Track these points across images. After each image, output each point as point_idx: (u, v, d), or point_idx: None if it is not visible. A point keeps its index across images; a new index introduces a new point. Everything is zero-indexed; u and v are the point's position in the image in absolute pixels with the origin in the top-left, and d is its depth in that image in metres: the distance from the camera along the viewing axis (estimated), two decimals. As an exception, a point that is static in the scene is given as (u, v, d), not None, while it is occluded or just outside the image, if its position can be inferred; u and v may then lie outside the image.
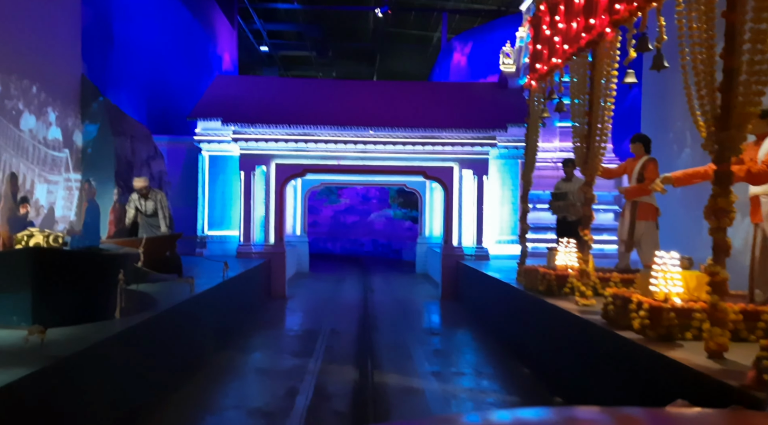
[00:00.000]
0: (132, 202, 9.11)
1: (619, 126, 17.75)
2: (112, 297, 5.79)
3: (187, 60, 17.98)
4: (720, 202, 4.29)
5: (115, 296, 5.80)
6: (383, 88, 17.08)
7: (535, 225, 16.44)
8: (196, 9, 18.99)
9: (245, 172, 13.71)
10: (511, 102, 15.80)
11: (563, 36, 8.23)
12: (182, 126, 14.79)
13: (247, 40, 30.26)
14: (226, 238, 14.24)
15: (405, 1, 32.84)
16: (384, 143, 13.85)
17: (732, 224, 4.33)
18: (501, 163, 14.94)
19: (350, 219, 28.70)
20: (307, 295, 14.40)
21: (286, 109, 14.37)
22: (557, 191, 9.93)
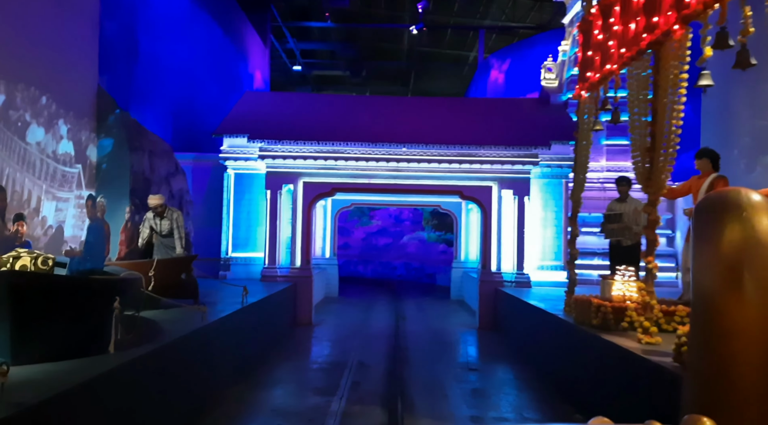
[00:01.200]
0: (146, 221, 8.49)
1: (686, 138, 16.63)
2: (106, 328, 5.07)
3: (216, 77, 17.61)
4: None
5: (111, 327, 5.07)
6: (417, 104, 16.35)
7: (581, 250, 15.36)
8: (227, 26, 18.68)
9: (271, 190, 13.06)
10: (554, 118, 14.87)
11: (619, 39, 7.36)
12: (209, 144, 14.28)
13: (279, 59, 30.06)
14: (251, 260, 13.56)
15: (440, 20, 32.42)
16: (418, 161, 13.05)
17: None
18: (543, 182, 13.97)
19: (382, 242, 27.89)
20: (335, 322, 13.58)
21: (314, 125, 13.73)
22: (610, 212, 8.95)
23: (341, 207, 18.63)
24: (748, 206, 2.24)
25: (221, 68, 18.14)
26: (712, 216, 2.32)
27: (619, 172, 15.52)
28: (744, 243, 2.20)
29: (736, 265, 2.18)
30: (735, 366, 2.26)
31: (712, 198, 2.35)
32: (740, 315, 2.19)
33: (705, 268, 2.29)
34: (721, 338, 2.25)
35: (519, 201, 13.41)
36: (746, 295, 2.17)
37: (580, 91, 8.82)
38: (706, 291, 2.29)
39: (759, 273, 2.18)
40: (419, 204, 18.66)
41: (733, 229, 2.19)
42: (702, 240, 2.32)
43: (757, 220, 2.20)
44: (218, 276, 13.44)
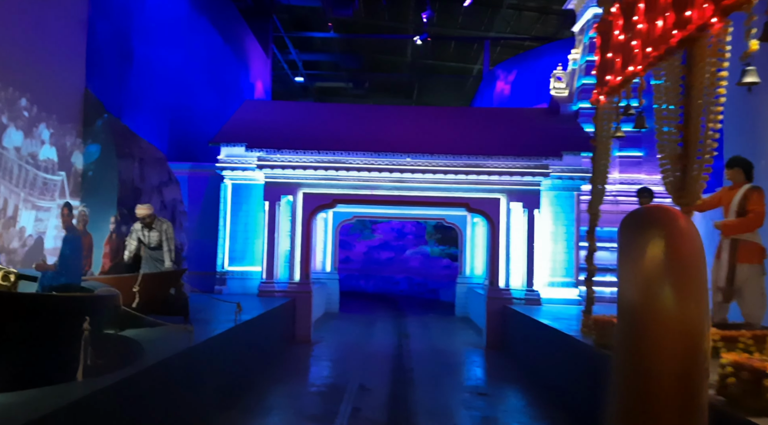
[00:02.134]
0: (134, 233, 7.90)
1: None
2: (74, 352, 4.47)
3: (215, 86, 17.12)
4: None
5: (79, 350, 4.47)
6: (422, 114, 15.83)
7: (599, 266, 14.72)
8: (227, 34, 18.23)
9: (270, 201, 12.48)
10: (565, 128, 14.32)
11: (644, 38, 6.79)
12: (206, 153, 13.74)
13: (281, 71, 29.65)
14: (248, 275, 12.94)
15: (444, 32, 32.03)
16: (422, 171, 12.48)
17: None
18: (554, 195, 13.38)
19: (384, 256, 27.27)
20: (336, 340, 12.93)
21: (315, 134, 13.19)
22: (631, 226, 8.34)
23: (343, 219, 18.03)
24: (669, 224, 2.21)
25: (220, 77, 17.66)
26: (635, 233, 2.29)
27: (633, 184, 14.95)
28: (665, 260, 2.20)
29: (658, 280, 2.18)
30: (656, 377, 2.25)
31: (636, 214, 2.33)
32: (662, 328, 2.18)
33: (629, 283, 2.28)
34: (644, 350, 2.23)
35: (529, 214, 12.81)
36: (668, 309, 2.15)
37: (598, 96, 8.26)
38: (629, 305, 2.26)
39: (680, 288, 2.16)
40: (423, 217, 18.05)
41: (655, 246, 2.18)
42: (626, 255, 2.30)
43: (678, 237, 2.20)
44: (214, 291, 12.84)
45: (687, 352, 2.23)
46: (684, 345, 2.20)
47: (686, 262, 2.28)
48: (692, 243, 2.27)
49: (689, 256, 2.27)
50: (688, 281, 2.26)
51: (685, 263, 2.27)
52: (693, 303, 2.23)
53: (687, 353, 2.23)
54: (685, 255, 2.27)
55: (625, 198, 14.69)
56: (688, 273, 2.27)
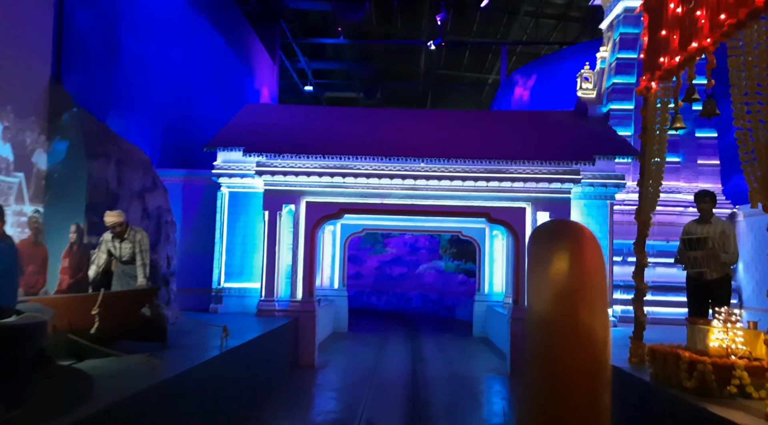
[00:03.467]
0: (103, 244, 6.75)
1: (729, 161, 14.70)
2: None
3: (216, 89, 16.07)
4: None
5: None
6: (436, 117, 14.64)
7: (626, 283, 13.37)
8: (230, 36, 17.23)
9: (270, 211, 11.32)
10: (596, 131, 13.06)
11: (713, 6, 5.57)
12: (205, 161, 12.62)
13: (290, 80, 28.68)
14: (247, 292, 11.75)
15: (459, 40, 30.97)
16: (438, 178, 11.26)
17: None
18: (584, 204, 12.08)
19: (397, 271, 25.99)
20: (343, 364, 11.66)
21: (320, 138, 12.03)
22: (690, 237, 7.02)
23: (352, 232, 16.85)
24: (574, 237, 2.21)
25: (222, 80, 16.62)
26: (544, 245, 2.29)
27: (670, 192, 13.62)
28: (573, 272, 2.19)
29: (567, 292, 2.16)
30: (565, 389, 2.25)
31: (544, 227, 2.31)
32: (571, 339, 2.17)
33: (538, 294, 2.23)
34: (553, 362, 2.20)
35: (557, 225, 11.50)
36: (577, 321, 2.13)
37: (647, 83, 7.02)
38: (539, 317, 2.24)
39: (585, 300, 2.15)
40: (439, 230, 16.78)
41: (562, 258, 2.18)
42: (535, 266, 2.28)
43: (582, 251, 2.20)
44: (209, 310, 11.65)
45: (593, 362, 2.25)
46: (590, 356, 2.22)
47: (590, 275, 2.28)
48: (596, 257, 2.27)
49: (593, 269, 2.27)
50: (592, 293, 2.27)
51: (590, 276, 2.27)
52: (597, 314, 2.23)
53: (593, 363, 2.26)
54: (589, 269, 2.27)
55: (661, 208, 13.34)
56: (593, 286, 2.27)
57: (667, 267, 13.28)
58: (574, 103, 15.09)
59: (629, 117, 13.97)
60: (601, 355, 2.18)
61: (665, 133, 6.75)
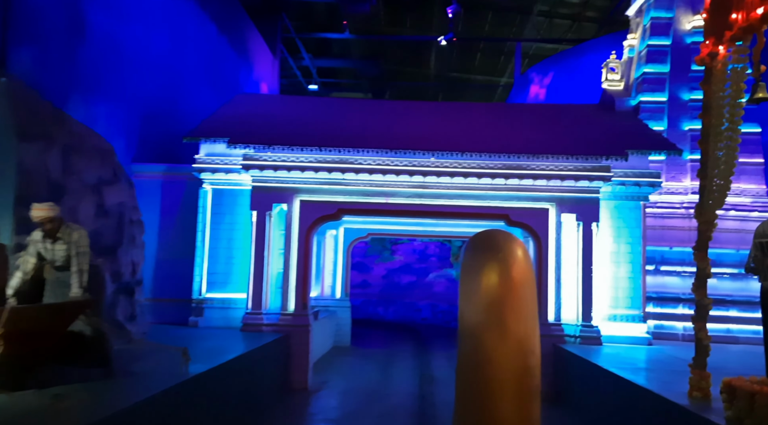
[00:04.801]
0: (32, 246, 5.43)
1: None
2: None
3: (208, 80, 14.79)
4: None
5: None
6: (449, 109, 13.25)
7: (660, 295, 11.89)
8: (224, 25, 15.97)
9: (258, 211, 9.98)
10: (626, 125, 11.64)
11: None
12: (189, 156, 11.28)
13: (293, 78, 27.42)
14: (231, 303, 10.39)
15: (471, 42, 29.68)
16: (450, 174, 9.88)
17: None
18: (614, 205, 10.64)
19: (405, 280, 24.59)
20: (342, 386, 10.27)
21: (317, 129, 10.70)
22: (765, 239, 5.58)
23: (356, 238, 15.50)
24: (505, 249, 2.24)
25: (215, 71, 15.34)
26: (475, 256, 2.29)
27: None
28: (502, 282, 2.23)
29: (497, 301, 2.20)
30: (494, 396, 2.28)
31: (476, 238, 2.34)
32: (500, 346, 2.20)
33: (469, 303, 2.24)
34: (484, 366, 2.22)
35: (585, 228, 10.09)
36: (506, 328, 2.15)
37: (713, 48, 5.62)
38: (470, 324, 2.23)
39: (515, 309, 2.18)
40: (450, 235, 15.37)
41: (492, 269, 2.21)
42: (467, 277, 2.32)
43: (514, 261, 2.23)
44: (188, 323, 10.30)
45: (521, 371, 2.24)
46: (518, 364, 2.20)
47: (520, 285, 2.28)
48: (525, 268, 2.26)
49: (523, 280, 2.24)
50: (521, 303, 2.27)
51: (519, 286, 2.28)
52: (526, 322, 2.20)
53: (521, 371, 2.24)
54: (519, 279, 2.26)
55: (698, 211, 11.86)
56: (522, 296, 2.26)
57: (707, 278, 11.81)
58: (596, 100, 13.70)
59: (662, 109, 12.53)
60: (531, 364, 2.16)
61: (739, 108, 5.32)
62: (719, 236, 11.86)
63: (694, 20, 12.57)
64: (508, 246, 2.38)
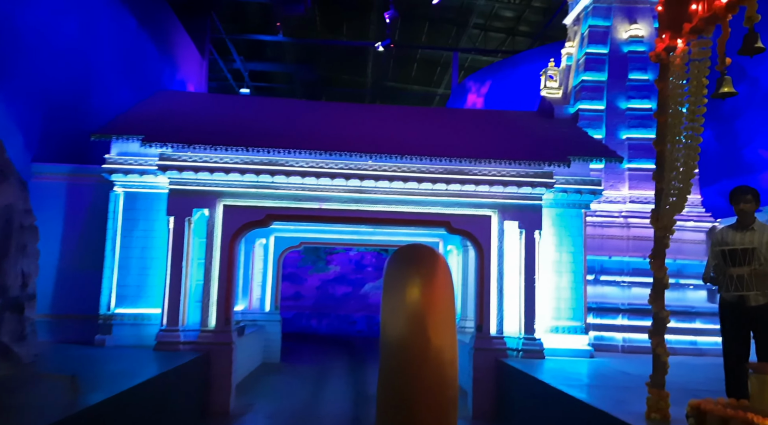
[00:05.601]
0: None
1: (703, 169, 13.30)
2: None
3: (125, 76, 13.63)
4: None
5: None
6: (388, 112, 12.67)
7: (599, 306, 11.65)
8: (145, 18, 14.85)
9: (176, 217, 9.02)
10: (566, 132, 11.40)
11: None
12: (101, 156, 10.16)
13: (224, 81, 26.29)
14: (145, 319, 9.35)
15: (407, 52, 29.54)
16: (389, 178, 9.25)
17: None
18: (556, 213, 10.30)
19: (340, 291, 23.79)
20: (267, 409, 9.40)
21: (245, 128, 9.86)
22: (729, 248, 5.19)
23: (287, 247, 14.65)
24: (427, 263, 2.28)
25: (133, 66, 14.18)
26: (398, 270, 2.33)
27: (645, 203, 12.05)
28: (424, 296, 2.27)
29: (418, 314, 2.23)
30: (415, 402, 2.30)
31: (399, 253, 2.36)
32: (421, 357, 2.21)
33: (392, 316, 2.24)
34: (405, 377, 2.25)
35: (527, 236, 9.68)
36: (428, 343, 2.17)
37: (670, 42, 5.22)
38: (392, 336, 2.23)
39: (438, 322, 2.19)
40: (387, 244, 14.74)
41: (414, 284, 2.24)
42: (389, 290, 2.36)
43: (435, 276, 2.28)
44: (94, 342, 9.19)
45: (440, 382, 2.26)
46: (438, 376, 2.22)
47: (441, 299, 2.30)
48: (446, 282, 2.30)
49: (443, 293, 2.27)
50: (442, 316, 2.27)
51: (440, 300, 2.29)
52: (446, 335, 2.19)
53: (440, 383, 2.26)
54: (440, 293, 2.28)
55: (638, 220, 11.76)
56: (442, 309, 2.27)
57: (644, 288, 11.65)
58: (534, 108, 13.50)
59: (600, 118, 12.41)
60: (449, 375, 2.29)
61: (701, 104, 4.92)
62: (651, 246, 11.84)
63: (631, 29, 12.55)
64: (429, 261, 2.36)
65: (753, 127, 14.08)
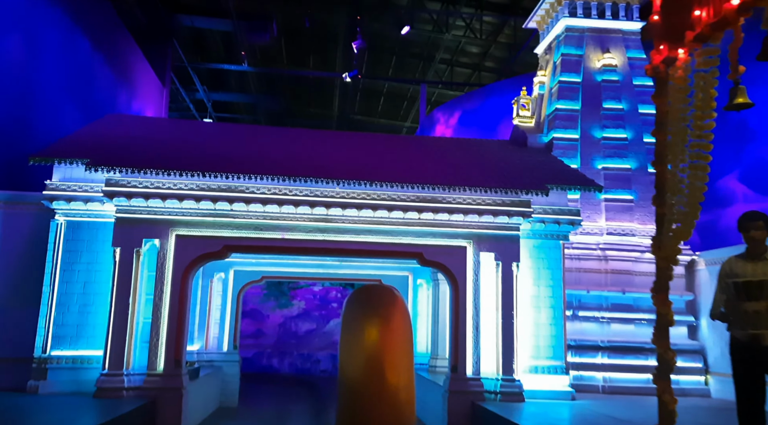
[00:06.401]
0: None
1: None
2: None
3: (73, 100, 12.78)
4: None
5: None
6: (356, 139, 12.11)
7: (578, 343, 11.09)
8: (101, 43, 14.11)
9: (123, 248, 8.19)
10: (542, 161, 10.99)
11: None
12: (42, 182, 9.26)
13: (187, 111, 25.51)
14: (85, 362, 8.39)
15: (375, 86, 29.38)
16: (357, 206, 8.62)
17: None
18: (534, 245, 9.79)
19: (304, 328, 22.79)
20: (222, 462, 8.46)
21: (202, 151, 9.15)
22: (742, 280, 4.67)
23: (248, 281, 13.75)
24: (385, 304, 2.27)
25: (84, 92, 13.34)
26: (356, 311, 2.29)
27: (624, 235, 11.65)
28: (382, 338, 2.27)
29: (377, 356, 2.23)
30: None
31: (357, 293, 2.30)
32: (378, 403, 2.23)
33: (349, 357, 2.22)
34: (363, 415, 2.24)
35: (504, 269, 9.11)
36: (385, 381, 2.17)
37: (669, 53, 4.78)
38: (350, 378, 2.22)
39: (395, 363, 2.19)
40: (354, 277, 14.02)
41: (373, 325, 2.25)
42: (347, 332, 2.32)
43: (393, 317, 2.27)
44: (26, 389, 8.16)
45: (396, 419, 2.25)
46: (393, 413, 2.24)
47: (400, 340, 2.28)
48: (404, 323, 2.28)
49: (402, 335, 2.26)
50: (400, 357, 2.27)
51: (399, 341, 2.27)
52: (402, 376, 2.21)
53: (396, 420, 2.25)
54: (398, 334, 2.26)
55: (616, 253, 11.33)
56: (401, 350, 2.27)
57: (624, 324, 11.19)
58: (505, 139, 13.14)
59: (574, 147, 12.08)
60: (405, 414, 2.29)
61: (710, 119, 4.45)
62: (635, 280, 11.39)
63: (604, 58, 12.36)
64: (388, 302, 2.34)
65: (722, 158, 13.95)
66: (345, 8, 21.37)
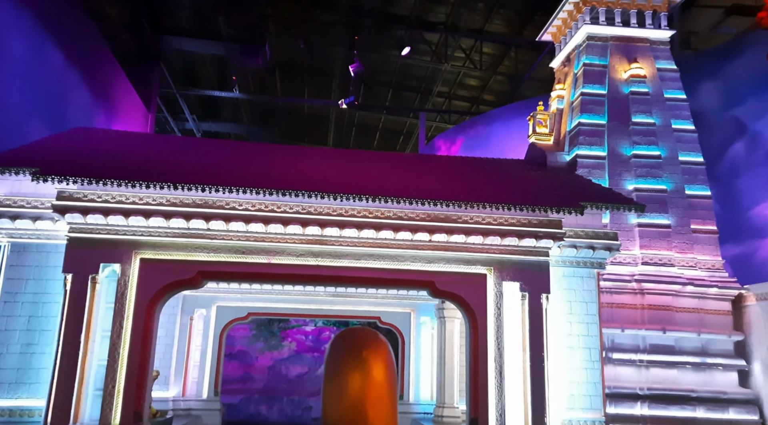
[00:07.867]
0: None
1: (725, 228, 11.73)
2: None
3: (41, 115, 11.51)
4: None
5: None
6: (355, 158, 10.79)
7: (613, 392, 9.58)
8: (77, 58, 12.97)
9: (75, 274, 6.78)
10: (565, 179, 9.69)
11: None
12: None
13: (175, 140, 24.30)
14: (24, 414, 6.86)
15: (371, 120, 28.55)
16: (357, 226, 7.26)
17: None
18: (563, 273, 8.40)
19: (294, 372, 21.05)
20: None
21: (175, 163, 7.82)
22: None
23: (232, 319, 12.31)
24: (369, 348, 2.56)
25: (55, 107, 12.11)
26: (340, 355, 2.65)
27: (661, 265, 10.26)
28: (365, 382, 2.52)
29: (360, 399, 2.45)
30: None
31: (340, 337, 2.65)
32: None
33: (333, 400, 2.50)
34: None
35: (532, 301, 7.71)
36: (367, 423, 2.40)
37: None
38: (333, 420, 2.43)
39: (378, 405, 2.39)
40: (350, 314, 12.58)
41: (356, 370, 2.51)
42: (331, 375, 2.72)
43: (374, 361, 2.55)
44: (-50, 450, 6.62)
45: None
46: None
47: (382, 383, 2.49)
48: (387, 367, 2.49)
49: (385, 378, 2.45)
50: (383, 399, 2.45)
51: (381, 384, 2.48)
52: (385, 414, 2.37)
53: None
54: (381, 378, 2.49)
55: (653, 285, 9.93)
56: (383, 392, 2.44)
57: (665, 368, 9.69)
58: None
59: (601, 165, 10.84)
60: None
61: None
62: (675, 317, 9.96)
63: (631, 68, 11.23)
64: (371, 346, 2.46)
65: (756, 187, 12.71)
66: (342, 36, 20.50)
